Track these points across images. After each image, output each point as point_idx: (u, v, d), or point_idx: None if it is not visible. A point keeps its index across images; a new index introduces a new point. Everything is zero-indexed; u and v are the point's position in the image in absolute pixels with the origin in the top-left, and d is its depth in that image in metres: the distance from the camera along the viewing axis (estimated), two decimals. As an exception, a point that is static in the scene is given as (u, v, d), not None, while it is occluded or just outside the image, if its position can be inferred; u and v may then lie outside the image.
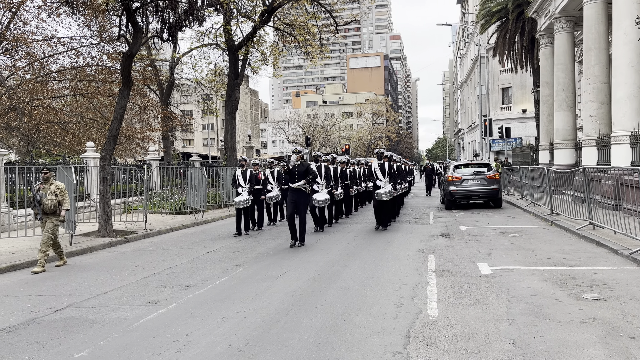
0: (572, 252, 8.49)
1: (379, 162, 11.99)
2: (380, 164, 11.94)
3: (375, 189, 11.91)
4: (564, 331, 4.53)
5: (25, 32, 21.20)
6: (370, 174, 12.27)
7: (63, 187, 9.19)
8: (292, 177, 10.11)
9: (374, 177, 12.04)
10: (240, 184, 12.62)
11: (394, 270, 7.55)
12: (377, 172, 11.87)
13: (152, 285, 7.12)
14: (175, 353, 4.38)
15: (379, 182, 11.80)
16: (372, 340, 4.51)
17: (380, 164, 11.94)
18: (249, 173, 12.70)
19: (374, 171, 12.01)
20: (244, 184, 12.62)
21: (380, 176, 11.82)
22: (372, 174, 12.08)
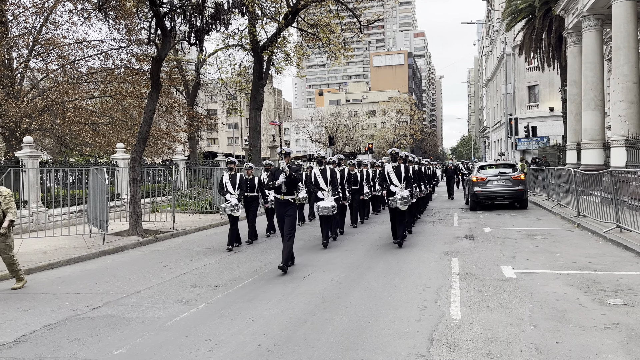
0: (598, 255, 8.45)
1: (393, 165, 10.35)
2: (395, 167, 10.30)
3: (389, 195, 10.23)
4: (587, 337, 4.59)
5: (57, 35, 21.91)
6: (383, 178, 10.43)
7: (8, 194, 7.60)
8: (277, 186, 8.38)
9: (387, 181, 10.34)
10: (228, 190, 10.94)
11: (417, 272, 7.65)
12: (392, 175, 10.27)
13: (182, 285, 7.39)
14: (207, 352, 4.60)
15: (394, 187, 10.18)
16: (396, 342, 4.64)
17: (395, 167, 10.30)
18: (238, 178, 11.01)
19: (387, 175, 10.32)
20: (232, 190, 10.96)
21: (396, 180, 10.20)
22: (385, 178, 10.36)
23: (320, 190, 10.56)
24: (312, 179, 10.70)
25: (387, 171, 10.39)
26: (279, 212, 8.39)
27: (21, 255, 9.92)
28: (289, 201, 8.26)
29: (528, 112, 42.69)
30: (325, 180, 10.56)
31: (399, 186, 10.13)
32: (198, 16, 13.16)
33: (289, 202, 8.26)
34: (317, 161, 11.06)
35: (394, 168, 10.28)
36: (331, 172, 10.68)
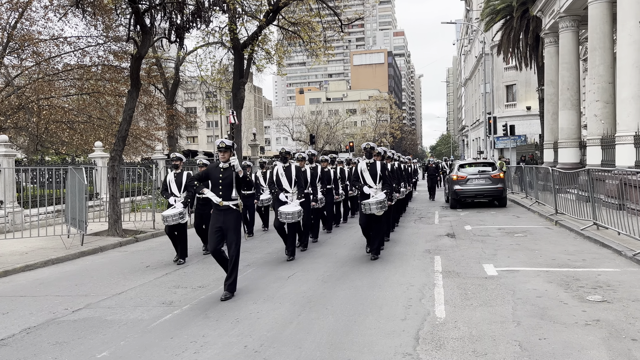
0: (576, 252, 8.62)
1: (367, 162, 8.72)
2: (369, 164, 8.69)
3: (362, 198, 8.58)
4: (569, 333, 4.69)
5: (32, 31, 21.43)
6: (356, 177, 8.84)
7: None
8: (214, 187, 6.52)
9: (360, 181, 8.73)
10: (172, 192, 9.16)
11: (401, 271, 7.70)
12: (366, 174, 8.63)
13: (165, 286, 7.30)
14: (193, 354, 4.55)
15: (367, 188, 8.52)
16: (382, 341, 4.67)
17: (369, 164, 8.69)
18: (185, 177, 9.22)
19: (360, 173, 8.73)
20: (177, 192, 9.19)
21: (370, 180, 8.58)
22: (358, 177, 8.78)
23: (283, 193, 8.95)
24: (274, 178, 9.21)
25: (360, 169, 8.80)
26: (215, 223, 6.46)
27: (-4, 256, 9.72)
28: (230, 207, 6.43)
29: (506, 111, 43.32)
30: (289, 180, 8.96)
31: (373, 187, 8.55)
32: (178, 13, 13.00)
33: (230, 208, 6.44)
34: (280, 157, 9.19)
35: (368, 166, 8.68)
36: (297, 170, 9.04)
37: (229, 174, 6.42)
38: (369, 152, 8.76)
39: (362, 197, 8.67)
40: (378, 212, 8.34)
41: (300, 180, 9.07)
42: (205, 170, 6.85)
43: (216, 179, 6.50)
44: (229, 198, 6.44)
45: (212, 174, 6.56)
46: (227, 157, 6.45)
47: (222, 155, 6.46)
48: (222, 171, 6.46)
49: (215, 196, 6.44)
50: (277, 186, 9.13)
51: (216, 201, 6.44)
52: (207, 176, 6.66)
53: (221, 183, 6.42)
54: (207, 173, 6.67)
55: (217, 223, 6.47)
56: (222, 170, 6.47)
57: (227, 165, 6.44)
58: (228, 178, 6.41)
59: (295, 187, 8.97)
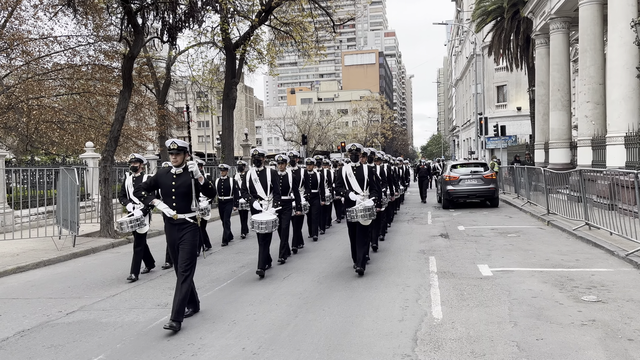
0: (569, 253, 8.69)
1: (353, 165, 7.86)
2: (355, 168, 7.84)
3: (347, 205, 7.78)
4: (565, 333, 4.72)
5: (22, 31, 21.20)
6: (340, 182, 7.94)
7: None
8: (166, 197, 5.55)
9: (345, 186, 7.86)
10: (130, 198, 8.18)
11: (396, 271, 7.71)
12: (352, 179, 7.80)
13: (159, 288, 7.25)
14: (191, 356, 4.52)
15: (354, 195, 7.67)
16: (380, 343, 4.67)
17: (355, 168, 7.84)
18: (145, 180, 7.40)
19: (345, 178, 7.86)
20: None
21: (357, 186, 7.74)
22: (343, 182, 7.89)
23: (258, 200, 7.94)
24: (246, 183, 8.19)
25: (345, 174, 7.88)
26: (171, 238, 5.58)
27: (-13, 258, 9.60)
28: (186, 221, 5.46)
29: (497, 111, 43.60)
30: (264, 186, 7.94)
31: (360, 193, 7.69)
32: (171, 13, 12.92)
33: (187, 222, 5.47)
34: (253, 160, 8.05)
35: (354, 169, 7.82)
36: (273, 175, 8.05)
37: (184, 181, 5.43)
38: (354, 154, 7.83)
39: (347, 204, 7.85)
40: (365, 220, 7.46)
41: (276, 186, 8.03)
42: (153, 176, 5.86)
43: (168, 187, 5.48)
44: (186, 210, 5.44)
45: (163, 181, 5.54)
46: (180, 161, 5.46)
47: (174, 158, 5.43)
48: (175, 177, 5.46)
49: (167, 208, 5.44)
50: (251, 193, 8.04)
51: (169, 214, 5.44)
52: (155, 184, 5.64)
53: (174, 192, 5.43)
54: (156, 180, 5.63)
55: (174, 241, 5.52)
56: (175, 176, 5.47)
57: (181, 170, 5.46)
58: (183, 186, 5.42)
59: (271, 193, 7.97)
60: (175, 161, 5.45)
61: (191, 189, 5.41)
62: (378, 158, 10.57)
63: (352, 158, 7.86)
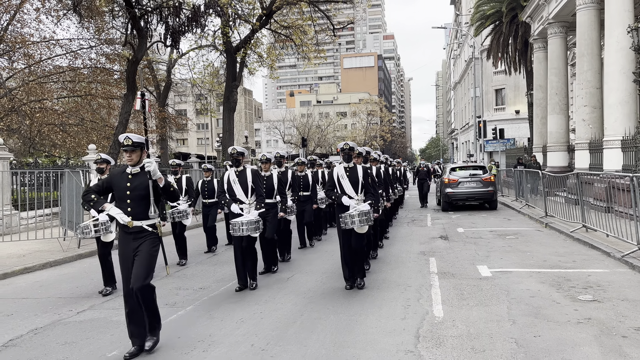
0: (566, 254, 8.87)
1: (346, 166, 7.04)
2: (348, 169, 7.02)
3: (340, 211, 6.91)
4: (562, 331, 4.90)
5: (24, 34, 21.38)
6: (332, 185, 7.10)
7: None
8: (120, 202, 4.79)
9: (336, 189, 7.03)
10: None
11: (397, 272, 7.89)
12: (344, 182, 6.98)
13: (166, 288, 7.41)
14: (202, 352, 4.69)
15: (347, 199, 6.86)
16: (384, 339, 4.85)
17: (348, 169, 7.02)
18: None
19: (336, 180, 7.04)
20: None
21: (350, 189, 6.93)
22: (334, 185, 7.06)
23: (237, 204, 7.16)
24: (224, 185, 7.39)
25: (336, 175, 7.06)
26: (125, 253, 4.79)
27: (-6, 259, 9.77)
28: (143, 229, 4.75)
29: (495, 114, 43.83)
30: (244, 188, 7.19)
31: (354, 197, 6.91)
32: (175, 18, 13.14)
33: (144, 231, 4.75)
34: (232, 159, 7.33)
35: (347, 171, 7.02)
36: (254, 175, 7.30)
37: (141, 182, 4.71)
38: (347, 153, 7.00)
39: (340, 209, 6.97)
40: (360, 228, 6.67)
41: (259, 188, 7.26)
42: (106, 177, 5.20)
43: (122, 189, 4.75)
44: (143, 216, 4.72)
45: (116, 182, 4.80)
46: (136, 160, 4.76)
47: (129, 156, 4.76)
48: (131, 178, 4.74)
49: (121, 214, 4.69)
50: (230, 196, 7.24)
51: (123, 221, 4.68)
52: (109, 186, 4.88)
53: (129, 195, 4.71)
54: (109, 181, 4.88)
55: (128, 253, 4.73)
56: (131, 177, 4.75)
57: (137, 170, 4.76)
58: (140, 188, 4.71)
59: (253, 196, 7.18)
60: (130, 159, 4.76)
61: (149, 192, 4.71)
62: (374, 159, 9.84)
63: (345, 158, 7.04)
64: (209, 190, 10.75)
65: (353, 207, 6.78)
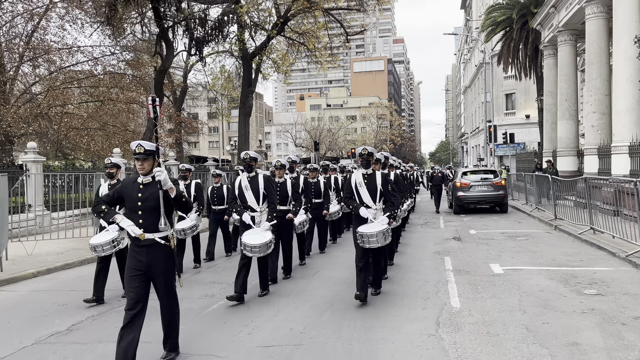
0: (574, 254, 9.41)
1: (364, 173, 6.61)
2: (366, 176, 6.59)
3: (357, 223, 6.52)
4: (568, 319, 5.47)
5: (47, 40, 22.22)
6: (349, 193, 6.70)
7: None
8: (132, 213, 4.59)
9: (354, 198, 6.62)
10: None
11: (415, 269, 8.47)
12: (362, 190, 6.54)
13: (202, 282, 8.05)
14: (247, 335, 5.32)
15: (365, 210, 6.44)
16: (408, 325, 5.44)
17: (366, 176, 6.59)
18: None
19: (354, 188, 6.60)
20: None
21: (368, 198, 6.52)
22: (352, 193, 6.65)
23: (248, 212, 6.87)
24: (235, 192, 7.12)
25: (354, 183, 6.62)
26: (133, 266, 4.55)
27: (36, 256, 10.51)
28: (155, 242, 4.51)
29: (505, 119, 44.20)
30: (256, 195, 6.87)
31: (373, 207, 6.49)
32: (200, 28, 13.84)
33: (156, 245, 4.52)
34: (245, 165, 7.02)
35: (365, 177, 6.57)
36: (266, 182, 6.93)
37: (153, 192, 4.45)
38: (366, 159, 6.56)
39: (357, 221, 6.54)
40: (377, 242, 6.29)
41: (272, 195, 6.92)
42: (117, 187, 4.79)
43: (133, 200, 4.53)
44: (154, 228, 4.47)
45: (128, 192, 4.57)
46: (148, 169, 4.49)
47: (140, 164, 4.48)
48: (142, 188, 4.50)
49: (132, 225, 4.48)
50: (241, 203, 6.97)
51: (134, 233, 4.46)
52: (120, 196, 4.65)
53: (141, 206, 4.48)
54: (120, 192, 4.64)
55: (138, 267, 4.50)
56: (142, 187, 4.51)
57: (149, 179, 4.50)
58: (151, 199, 4.46)
59: (265, 204, 6.91)
60: (142, 168, 4.48)
61: (161, 203, 4.43)
62: (391, 164, 9.61)
63: (363, 164, 6.59)
64: (218, 197, 10.34)
65: (371, 220, 6.36)
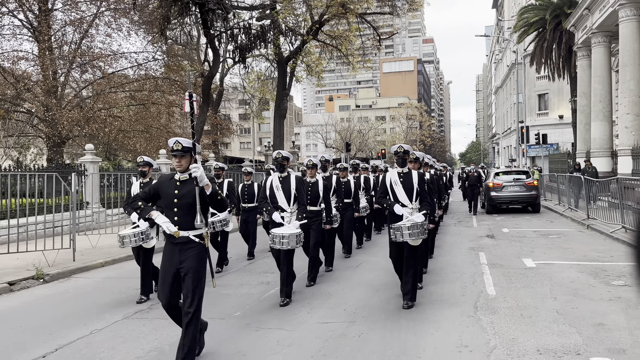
0: (605, 251, 9.84)
1: (400, 172, 6.47)
2: (402, 174, 6.44)
3: (392, 221, 6.34)
4: (596, 305, 6.02)
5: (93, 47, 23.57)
6: (384, 191, 6.53)
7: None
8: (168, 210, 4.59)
9: (389, 197, 6.46)
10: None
11: (452, 263, 9.08)
12: (397, 188, 6.40)
13: (255, 272, 8.85)
14: (307, 313, 6.08)
15: (400, 208, 6.27)
16: (449, 308, 6.09)
17: (402, 174, 6.44)
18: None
19: (389, 186, 6.45)
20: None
21: (404, 197, 6.35)
22: (387, 191, 6.48)
23: (279, 211, 6.86)
24: (266, 191, 7.10)
25: (389, 181, 6.47)
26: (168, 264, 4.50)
27: (99, 248, 11.53)
28: (190, 240, 4.46)
29: (538, 119, 43.95)
30: (287, 195, 6.86)
31: (408, 206, 6.32)
32: (245, 36, 14.72)
33: (191, 242, 4.46)
34: (277, 164, 7.05)
35: (400, 176, 6.43)
36: (298, 182, 6.97)
37: (190, 190, 4.41)
38: (402, 157, 6.41)
39: (392, 219, 6.41)
40: (414, 240, 6.11)
41: (302, 197, 6.93)
42: (154, 184, 4.83)
43: (169, 197, 4.51)
44: (189, 226, 4.45)
45: (165, 189, 4.55)
46: (185, 165, 4.45)
47: (178, 161, 4.47)
48: (179, 185, 4.48)
49: (168, 222, 4.46)
50: (272, 203, 6.94)
51: (170, 230, 4.43)
52: (156, 193, 4.64)
53: (177, 203, 4.46)
54: (157, 189, 4.63)
55: (172, 264, 4.46)
56: (179, 184, 4.49)
57: (186, 176, 4.47)
58: (188, 196, 4.42)
59: (295, 204, 6.86)
60: (179, 165, 4.47)
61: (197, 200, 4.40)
62: (426, 163, 9.35)
63: (399, 162, 6.44)
64: (249, 195, 10.36)
65: (406, 217, 6.20)
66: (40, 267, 8.85)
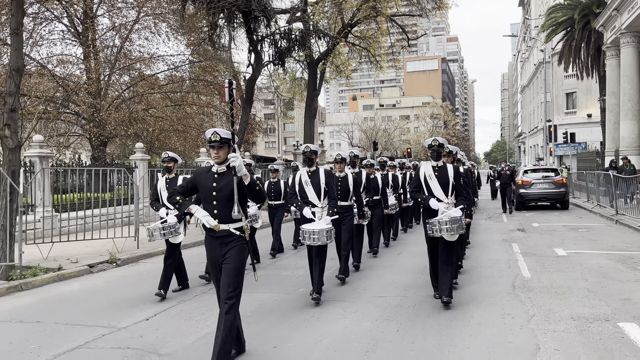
0: (632, 242, 10.41)
1: (434, 165, 6.32)
2: (437, 168, 6.31)
3: (427, 216, 6.28)
4: (623, 285, 6.71)
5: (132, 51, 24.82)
6: (418, 185, 6.41)
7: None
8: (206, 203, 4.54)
9: (422, 191, 6.35)
10: (163, 203, 7.18)
11: (486, 252, 9.78)
12: (432, 182, 6.28)
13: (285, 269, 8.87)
14: (363, 290, 6.92)
15: (436, 202, 6.16)
16: (489, 288, 6.84)
17: (437, 168, 6.31)
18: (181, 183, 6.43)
19: (424, 181, 6.34)
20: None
21: (439, 191, 6.25)
22: (421, 186, 6.37)
23: (309, 206, 6.76)
24: (295, 187, 6.99)
25: (423, 175, 6.35)
26: (213, 258, 4.49)
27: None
28: (230, 234, 4.39)
29: (565, 118, 43.87)
30: (317, 190, 6.77)
31: (444, 200, 6.20)
32: (285, 41, 15.60)
33: (231, 235, 4.40)
34: (305, 159, 6.92)
35: (435, 170, 6.29)
36: (327, 176, 6.83)
37: (228, 182, 4.33)
38: (436, 151, 6.24)
39: (426, 214, 6.35)
40: (451, 235, 5.97)
41: (332, 190, 6.81)
42: (191, 177, 4.72)
43: (208, 190, 4.43)
44: (229, 219, 4.34)
45: (203, 182, 4.48)
46: (223, 157, 4.38)
47: (216, 153, 4.38)
48: (217, 178, 4.40)
49: (207, 216, 4.38)
50: (301, 198, 6.86)
51: (210, 224, 4.36)
52: (194, 186, 4.58)
53: (216, 196, 4.37)
54: (195, 181, 4.56)
55: (216, 259, 4.44)
56: (217, 176, 4.41)
57: (224, 168, 4.39)
58: (227, 188, 4.34)
59: (326, 199, 6.75)
60: (217, 156, 4.37)
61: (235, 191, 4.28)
62: (458, 159, 9.13)
63: (434, 156, 6.27)
64: (275, 192, 10.43)
65: (442, 211, 6.04)
66: (113, 253, 9.87)
